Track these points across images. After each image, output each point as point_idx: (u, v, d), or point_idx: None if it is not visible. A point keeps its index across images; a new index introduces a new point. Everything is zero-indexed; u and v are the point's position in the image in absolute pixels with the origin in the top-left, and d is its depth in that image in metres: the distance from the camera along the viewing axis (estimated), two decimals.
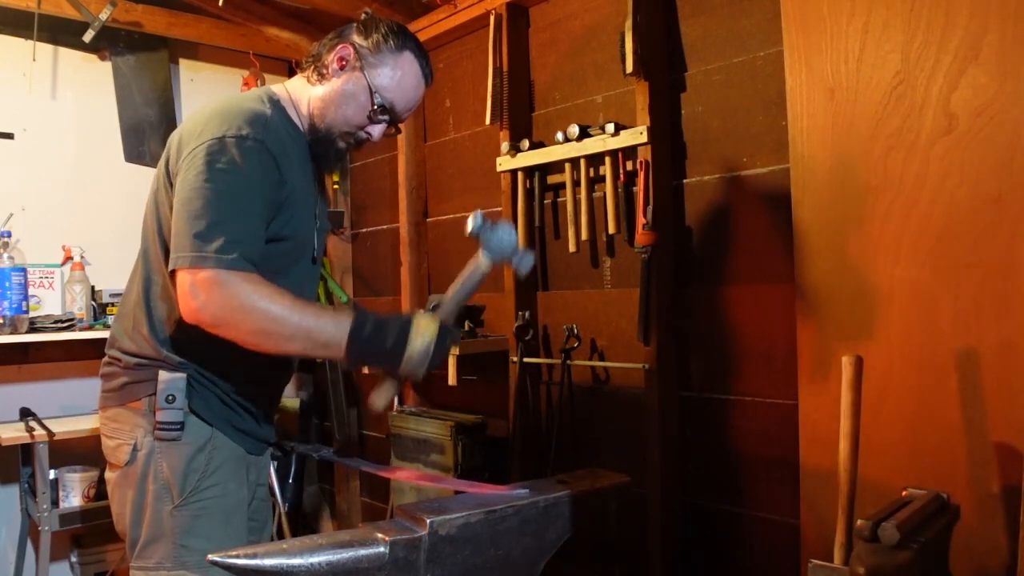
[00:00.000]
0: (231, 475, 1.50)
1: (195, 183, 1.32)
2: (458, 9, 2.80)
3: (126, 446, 1.45)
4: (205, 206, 1.30)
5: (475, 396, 2.83)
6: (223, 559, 1.05)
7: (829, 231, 1.75)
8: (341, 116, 1.51)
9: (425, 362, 1.32)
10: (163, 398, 1.42)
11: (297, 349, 1.34)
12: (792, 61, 1.83)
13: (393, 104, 1.53)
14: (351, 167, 3.58)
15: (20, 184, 3.01)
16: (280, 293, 1.31)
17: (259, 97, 1.51)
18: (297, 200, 1.47)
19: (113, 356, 1.52)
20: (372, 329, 1.32)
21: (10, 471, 2.94)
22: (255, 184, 1.36)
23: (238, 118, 1.38)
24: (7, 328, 2.68)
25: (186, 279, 1.28)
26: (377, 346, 1.31)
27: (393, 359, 1.32)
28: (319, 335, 1.31)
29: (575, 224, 2.37)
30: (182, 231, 1.30)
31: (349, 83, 1.50)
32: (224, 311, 1.28)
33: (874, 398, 1.59)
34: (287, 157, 1.43)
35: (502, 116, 2.58)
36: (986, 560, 1.48)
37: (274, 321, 1.29)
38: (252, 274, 1.30)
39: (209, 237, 1.28)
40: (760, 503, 2.00)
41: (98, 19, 2.88)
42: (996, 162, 1.49)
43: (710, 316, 2.12)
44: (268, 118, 1.42)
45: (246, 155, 1.35)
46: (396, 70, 1.51)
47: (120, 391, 1.49)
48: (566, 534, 1.37)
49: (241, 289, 1.28)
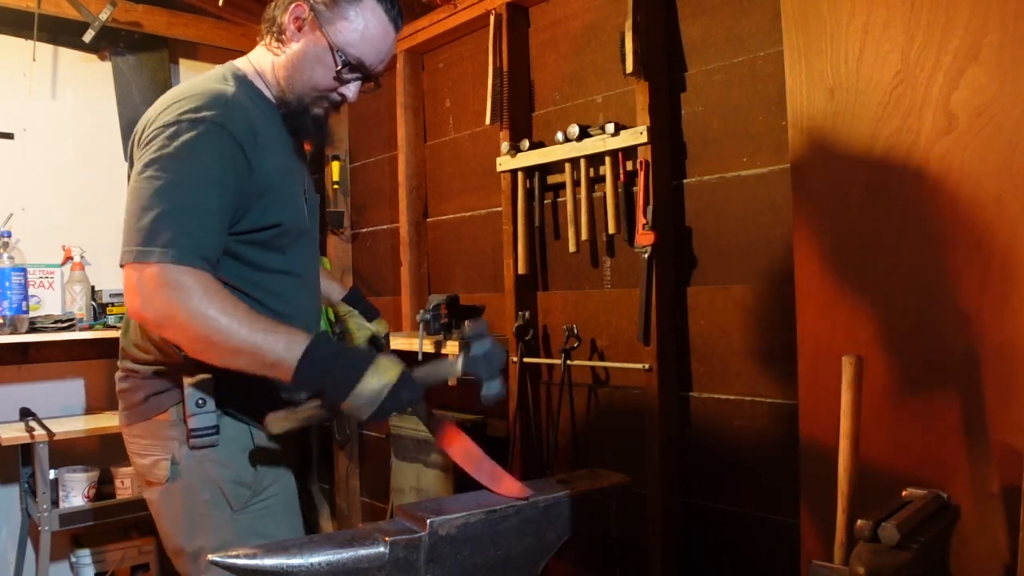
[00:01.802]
0: (281, 469, 1.44)
1: (145, 171, 1.21)
2: (458, 9, 2.80)
3: (163, 462, 1.36)
4: (154, 196, 1.19)
5: (475, 396, 2.82)
6: (223, 559, 1.05)
7: (829, 231, 1.75)
8: (307, 82, 1.38)
9: (374, 405, 1.20)
10: (193, 403, 1.32)
11: (240, 366, 1.21)
12: (792, 61, 1.83)
13: (361, 59, 1.38)
14: (351, 167, 3.58)
15: (20, 184, 3.01)
16: (232, 302, 1.19)
17: (221, 75, 1.39)
18: (277, 183, 1.36)
19: (128, 369, 1.42)
20: (329, 353, 1.20)
21: (10, 471, 2.94)
22: (212, 172, 1.24)
23: (194, 100, 1.26)
24: (7, 328, 2.68)
25: (131, 275, 1.18)
26: (328, 371, 1.19)
27: (340, 389, 1.20)
28: (267, 354, 1.19)
29: (575, 224, 2.37)
30: (129, 223, 1.20)
31: (309, 45, 1.37)
32: (167, 311, 1.17)
33: (874, 398, 1.59)
34: (258, 137, 1.32)
35: (502, 116, 2.58)
36: (986, 560, 1.48)
37: (218, 332, 1.17)
38: (204, 273, 1.19)
39: (156, 229, 1.17)
40: (760, 503, 2.00)
41: (98, 19, 2.88)
42: (996, 162, 1.49)
43: (710, 316, 2.12)
44: (229, 98, 1.30)
45: (202, 140, 1.23)
46: (358, 21, 1.36)
47: (143, 405, 1.39)
48: (566, 534, 1.37)
49: (188, 290, 1.16)
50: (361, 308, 1.80)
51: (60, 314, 2.94)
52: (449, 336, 2.62)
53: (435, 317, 2.65)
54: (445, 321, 2.66)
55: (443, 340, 2.62)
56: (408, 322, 3.09)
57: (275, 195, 1.35)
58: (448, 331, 2.65)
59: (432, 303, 2.70)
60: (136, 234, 1.18)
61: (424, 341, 2.62)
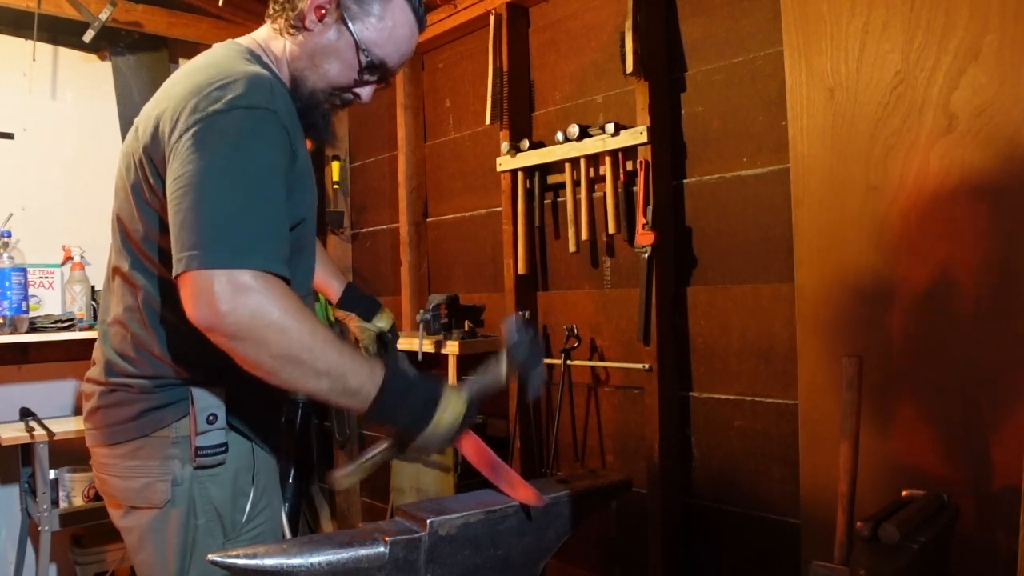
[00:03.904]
0: (274, 492, 1.35)
1: (207, 165, 1.06)
2: (458, 9, 2.80)
3: (160, 483, 1.23)
4: (226, 192, 1.06)
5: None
6: (223, 559, 1.05)
7: (829, 231, 1.75)
8: (324, 76, 1.27)
9: (444, 442, 1.18)
10: (203, 418, 1.21)
11: (321, 388, 1.11)
12: (792, 61, 1.83)
13: (385, 60, 1.27)
14: (351, 167, 3.58)
15: (20, 184, 3.01)
16: (314, 319, 1.09)
17: (240, 55, 1.24)
18: (305, 175, 1.27)
19: (117, 383, 1.26)
20: (404, 387, 1.14)
21: (10, 471, 2.94)
22: (277, 165, 1.13)
23: (239, 85, 1.12)
24: (7, 328, 2.68)
25: (207, 279, 1.02)
26: (403, 407, 1.14)
27: (415, 428, 1.16)
28: (351, 380, 1.11)
29: (575, 224, 2.37)
30: (196, 224, 1.05)
31: (330, 38, 1.24)
32: (253, 323, 1.03)
33: (874, 398, 1.59)
34: (293, 126, 1.21)
35: (502, 116, 2.58)
36: (986, 560, 1.48)
37: (309, 351, 1.06)
38: (283, 283, 1.08)
39: (233, 231, 1.04)
40: (760, 503, 2.00)
41: (98, 19, 2.88)
42: (996, 162, 1.49)
43: (710, 316, 2.12)
44: (271, 82, 1.18)
45: (261, 129, 1.11)
46: (386, 19, 1.24)
47: (136, 421, 1.24)
48: (566, 534, 1.37)
49: (280, 301, 1.04)
50: (359, 309, 1.74)
51: (60, 314, 2.93)
52: (449, 336, 2.62)
53: (435, 317, 2.65)
54: (445, 321, 2.66)
55: (443, 340, 2.62)
56: (408, 322, 3.10)
57: (303, 188, 1.27)
58: (448, 331, 2.65)
59: (432, 303, 2.70)
60: (205, 236, 1.03)
61: (424, 341, 2.62)
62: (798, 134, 1.81)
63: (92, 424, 1.31)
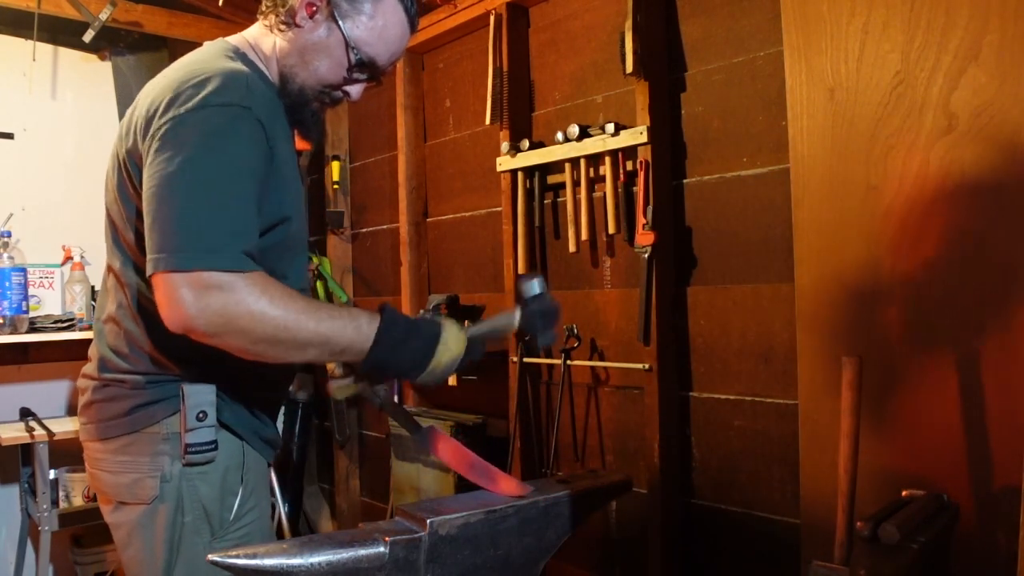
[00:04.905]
0: (263, 492, 1.35)
1: (176, 164, 1.08)
2: (458, 9, 2.80)
3: (149, 479, 1.23)
4: (193, 192, 1.08)
5: (475, 396, 2.83)
6: (223, 559, 1.05)
7: (829, 231, 1.75)
8: (313, 74, 1.28)
9: (442, 378, 1.21)
10: (193, 415, 1.21)
11: (309, 357, 1.16)
12: (792, 61, 1.83)
13: (375, 59, 1.29)
14: (351, 167, 3.58)
15: (20, 184, 3.02)
16: (289, 294, 1.13)
17: (223, 53, 1.25)
18: (287, 174, 1.26)
19: (111, 379, 1.28)
20: (400, 336, 1.17)
21: (10, 471, 2.94)
22: (248, 163, 1.14)
23: (214, 81, 1.14)
24: (7, 328, 2.68)
25: (170, 284, 1.05)
26: (403, 354, 1.18)
27: (413, 370, 1.19)
28: (337, 341, 1.15)
29: (575, 224, 2.37)
30: (164, 225, 1.07)
31: (321, 34, 1.25)
32: (224, 319, 1.07)
33: (874, 398, 1.59)
34: (272, 123, 1.21)
35: (502, 116, 2.58)
36: (986, 560, 1.48)
37: (285, 329, 1.10)
38: (259, 273, 1.11)
39: (202, 230, 1.07)
40: (760, 503, 2.00)
41: (98, 19, 2.88)
42: (996, 162, 1.49)
43: (710, 316, 2.12)
44: (249, 78, 1.19)
45: (233, 128, 1.13)
46: (376, 18, 1.26)
47: (127, 417, 1.25)
48: (566, 534, 1.37)
49: (243, 292, 1.07)
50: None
51: (60, 314, 2.94)
52: None
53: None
54: None
55: None
56: None
57: (285, 187, 1.26)
58: None
59: (432, 303, 2.70)
60: (172, 238, 1.06)
61: None
62: (798, 134, 1.81)
63: (86, 418, 1.33)
